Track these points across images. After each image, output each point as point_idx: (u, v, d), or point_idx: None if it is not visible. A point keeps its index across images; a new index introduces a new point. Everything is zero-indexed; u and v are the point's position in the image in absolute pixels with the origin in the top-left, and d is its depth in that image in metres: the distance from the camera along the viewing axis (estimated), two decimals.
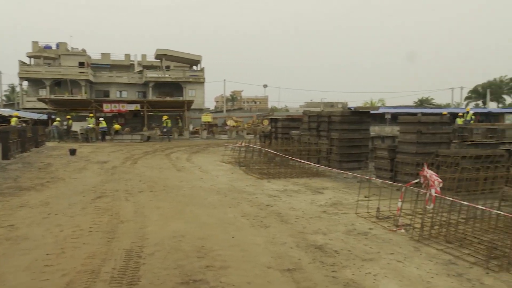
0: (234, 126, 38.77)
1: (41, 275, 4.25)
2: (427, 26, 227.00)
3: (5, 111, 33.68)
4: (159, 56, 52.13)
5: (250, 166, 13.18)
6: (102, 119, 30.17)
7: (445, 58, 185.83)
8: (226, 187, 9.65)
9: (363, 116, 12.90)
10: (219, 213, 7.11)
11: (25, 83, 49.13)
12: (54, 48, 51.51)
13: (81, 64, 50.02)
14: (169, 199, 8.33)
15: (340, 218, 6.72)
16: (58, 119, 30.77)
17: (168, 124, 30.72)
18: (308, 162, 12.09)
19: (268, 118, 31.56)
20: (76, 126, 29.82)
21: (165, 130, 29.84)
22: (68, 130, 29.49)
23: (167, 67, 53.41)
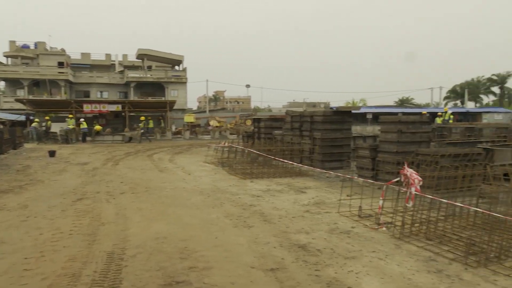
0: (217, 126, 38.65)
1: (20, 279, 4.15)
2: (407, 28, 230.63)
3: None
4: (141, 56, 51.60)
5: (233, 166, 13.17)
6: (83, 120, 29.68)
7: (424, 58, 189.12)
8: (209, 188, 9.62)
9: (345, 116, 13.02)
10: (202, 213, 7.08)
11: (2, 83, 48.02)
12: (32, 47, 50.43)
13: (60, 64, 49.10)
14: (151, 200, 8.25)
15: (322, 217, 6.77)
16: (37, 120, 30.15)
17: (150, 125, 30.39)
18: (291, 162, 12.14)
19: (251, 118, 31.56)
20: (56, 127, 29.26)
21: (142, 131, 29.48)
22: (47, 131, 28.91)
23: (149, 67, 52.89)
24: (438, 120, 26.43)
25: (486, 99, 68.26)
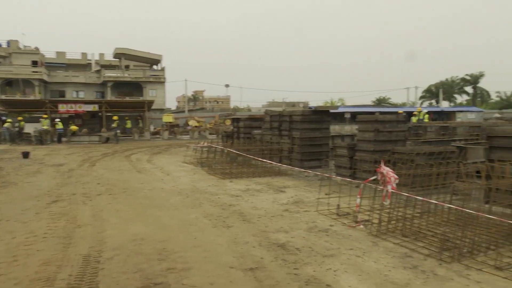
0: (196, 126, 38.41)
1: None
2: (384, 28, 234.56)
3: None
4: (118, 55, 50.80)
5: (213, 166, 13.12)
6: (58, 120, 28.99)
7: (401, 59, 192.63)
8: (188, 188, 9.55)
9: (323, 115, 13.14)
10: (181, 214, 7.02)
11: None
12: (4, 46, 48.99)
13: (34, 63, 47.87)
14: (129, 201, 8.14)
15: (301, 216, 6.81)
16: (10, 120, 29.30)
17: (128, 125, 29.88)
18: (270, 161, 12.18)
19: (230, 118, 31.49)
20: (30, 128, 28.49)
21: (115, 132, 28.90)
22: (20, 132, 28.13)
23: (127, 67, 52.12)
24: (414, 119, 26.98)
25: (460, 99, 70.25)
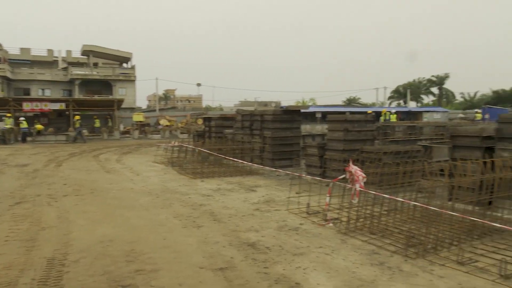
0: (167, 126, 37.93)
1: None
2: (356, 29, 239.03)
3: None
4: (86, 52, 49.48)
5: (184, 166, 13.00)
6: (23, 119, 27.99)
7: (371, 59, 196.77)
8: (158, 188, 9.43)
9: (294, 115, 13.25)
10: (151, 214, 6.92)
11: None
12: None
13: None
14: (96, 202, 7.95)
15: (272, 215, 6.85)
16: None
17: (96, 124, 29.11)
18: (241, 161, 12.18)
19: (202, 117, 31.27)
20: None
21: (78, 131, 28.10)
22: None
23: (95, 64, 50.85)
24: (382, 119, 27.69)
25: (426, 99, 72.44)
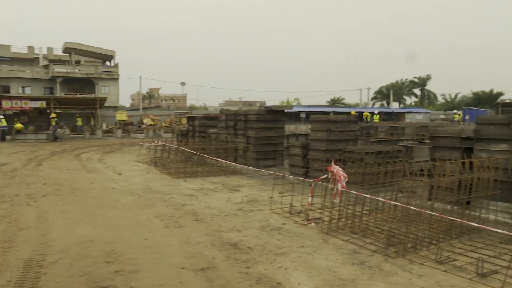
0: (151, 125, 37.60)
1: None
2: (341, 30, 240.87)
3: None
4: (68, 50, 48.62)
5: (167, 166, 12.90)
6: (1, 117, 27.35)
7: (355, 60, 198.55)
8: (141, 188, 9.33)
9: (278, 115, 13.27)
10: (132, 215, 6.85)
11: None
12: None
13: None
14: (77, 202, 7.83)
15: (255, 214, 6.85)
16: None
17: (78, 123, 28.64)
18: (225, 161, 12.15)
19: (186, 117, 31.08)
20: None
21: (54, 130, 27.55)
22: None
23: (77, 62, 50.01)
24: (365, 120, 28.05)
25: (409, 100, 73.50)
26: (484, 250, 4.97)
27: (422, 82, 70.21)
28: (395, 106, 65.50)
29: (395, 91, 69.52)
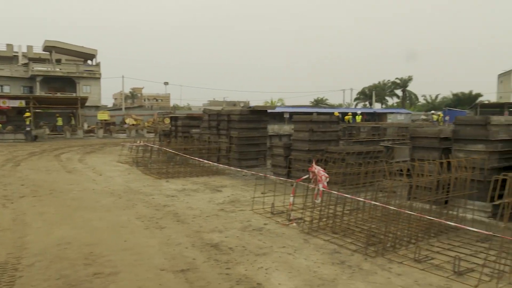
0: (133, 125, 37.19)
1: None
2: (324, 30, 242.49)
3: None
4: (48, 48, 47.73)
5: (149, 166, 12.78)
6: None
7: (340, 60, 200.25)
8: (122, 189, 9.21)
9: (261, 115, 13.29)
10: (112, 216, 6.76)
11: None
12: None
13: None
14: (55, 203, 7.68)
15: (237, 215, 6.84)
16: None
17: (59, 123, 28.07)
18: (208, 161, 12.10)
19: (169, 117, 30.84)
20: None
21: (27, 129, 27.00)
22: None
23: (58, 61, 49.13)
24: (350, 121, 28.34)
25: (391, 101, 74.52)
26: (461, 249, 5.06)
27: (403, 83, 71.26)
28: (377, 107, 66.35)
29: (378, 92, 70.38)
